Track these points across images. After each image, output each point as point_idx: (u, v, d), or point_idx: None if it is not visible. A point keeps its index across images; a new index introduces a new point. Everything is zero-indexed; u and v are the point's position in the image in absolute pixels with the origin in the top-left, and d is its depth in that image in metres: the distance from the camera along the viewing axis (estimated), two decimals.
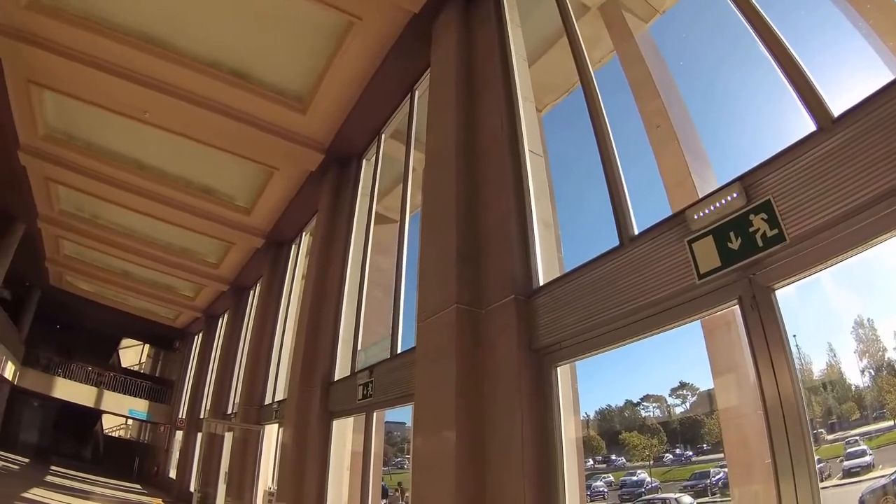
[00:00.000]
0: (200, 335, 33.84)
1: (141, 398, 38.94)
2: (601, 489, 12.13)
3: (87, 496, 23.08)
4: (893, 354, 6.24)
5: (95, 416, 46.20)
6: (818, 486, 3.68)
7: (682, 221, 4.85)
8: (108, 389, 38.03)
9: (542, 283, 6.52)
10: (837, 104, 4.17)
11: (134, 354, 53.37)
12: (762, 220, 4.22)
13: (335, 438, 11.67)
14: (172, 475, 31.59)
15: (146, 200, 19.63)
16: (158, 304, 34.08)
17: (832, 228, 3.89)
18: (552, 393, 5.91)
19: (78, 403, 37.69)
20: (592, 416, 12.63)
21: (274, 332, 19.07)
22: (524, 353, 6.10)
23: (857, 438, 6.43)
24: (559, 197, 8.41)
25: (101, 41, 12.97)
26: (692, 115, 7.48)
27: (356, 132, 14.05)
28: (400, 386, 8.94)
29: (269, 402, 17.63)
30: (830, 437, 6.46)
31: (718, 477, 9.63)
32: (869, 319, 6.21)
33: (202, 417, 26.37)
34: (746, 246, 4.28)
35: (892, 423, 6.43)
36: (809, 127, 4.24)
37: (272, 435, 16.52)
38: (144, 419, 40.40)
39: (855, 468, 6.23)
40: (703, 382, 10.30)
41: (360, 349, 11.98)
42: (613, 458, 12.50)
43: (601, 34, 9.86)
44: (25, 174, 19.76)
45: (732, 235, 4.39)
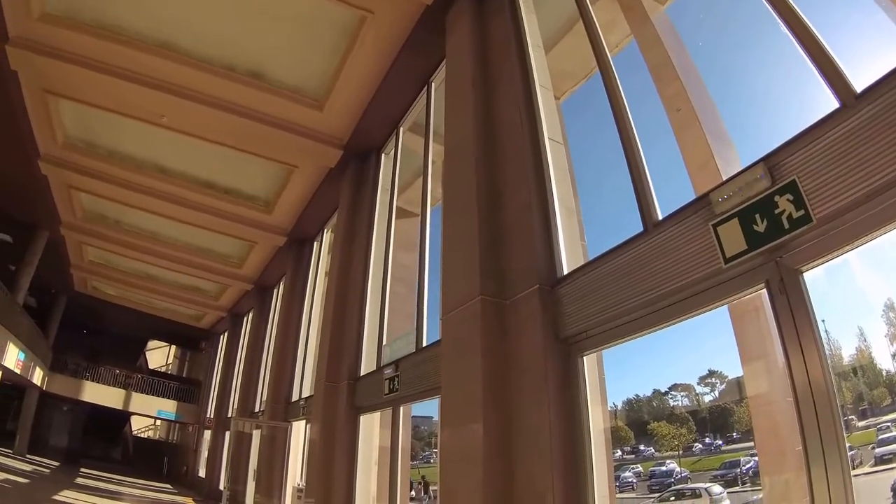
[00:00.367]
0: (226, 335, 33.99)
1: (169, 399, 39.18)
2: (630, 480, 12.06)
3: (117, 497, 23.30)
4: None
5: (124, 417, 46.77)
6: (850, 473, 3.61)
7: (706, 205, 4.76)
8: (136, 391, 38.34)
9: (566, 271, 6.46)
10: (860, 80, 4.06)
11: (161, 356, 53.89)
12: (788, 201, 4.12)
13: (362, 433, 11.68)
14: (202, 474, 31.81)
15: (167, 203, 19.74)
16: (183, 305, 34.32)
17: (859, 208, 3.78)
18: (579, 383, 5.85)
19: (106, 406, 37.99)
20: (620, 406, 12.56)
21: (299, 329, 19.14)
22: (550, 342, 6.05)
23: (888, 424, 6.32)
24: (581, 184, 8.34)
25: (114, 48, 13.05)
26: (713, 96, 7.39)
27: (374, 127, 14.04)
28: (426, 379, 8.92)
29: (295, 398, 17.68)
30: (862, 423, 6.36)
31: (749, 466, 9.52)
32: None
33: (230, 416, 26.56)
34: (772, 228, 4.19)
35: None
36: (832, 104, 4.12)
37: (300, 431, 16.56)
38: (173, 419, 40.68)
39: (887, 455, 6.12)
40: (732, 370, 10.20)
41: (385, 344, 11.97)
42: (642, 448, 12.43)
43: (617, 18, 9.74)
44: (47, 183, 19.99)
45: (758, 218, 4.29)
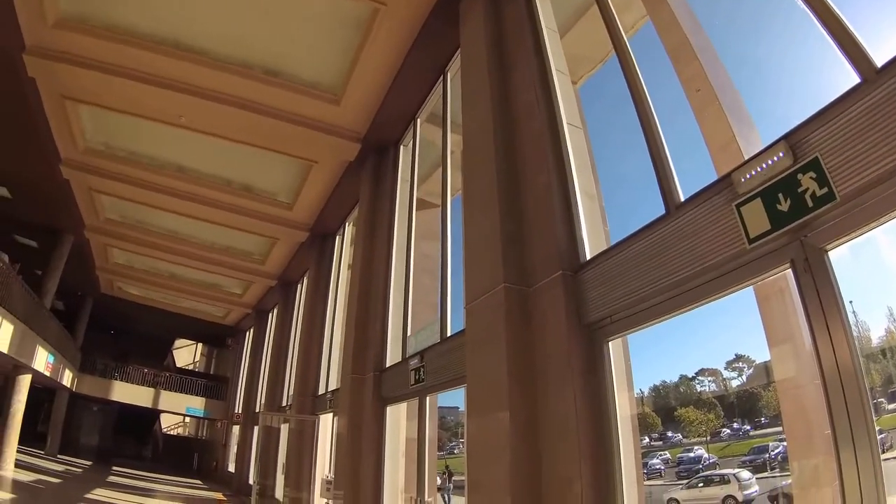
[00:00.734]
0: (251, 331, 34.21)
1: (197, 396, 39.62)
2: (658, 467, 12.02)
3: (149, 494, 23.56)
4: None
5: (153, 416, 47.24)
6: (879, 457, 3.58)
7: (728, 185, 4.72)
8: (164, 389, 38.79)
9: (588, 256, 6.44)
10: (880, 54, 4.00)
11: (188, 354, 54.34)
12: (811, 178, 4.07)
13: (389, 424, 11.75)
14: (231, 469, 32.12)
15: (189, 203, 19.96)
16: (208, 303, 34.61)
17: (884, 184, 3.73)
18: (605, 368, 5.85)
19: (136, 405, 38.48)
20: (647, 392, 12.51)
21: (324, 322, 19.25)
22: (574, 328, 6.05)
23: None
24: (601, 168, 8.29)
25: (130, 51, 13.20)
26: (732, 75, 7.32)
27: (391, 119, 14.07)
28: (451, 369, 8.94)
29: (322, 392, 17.79)
30: (891, 406, 6.30)
31: (777, 451, 9.46)
32: None
33: (258, 411, 26.72)
34: (796, 207, 4.14)
35: None
36: (853, 79, 4.07)
37: (327, 424, 16.66)
38: (201, 416, 41.12)
39: None
40: (759, 354, 10.12)
41: (409, 335, 12.01)
42: (669, 434, 12.38)
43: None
44: (69, 187, 20.29)
45: (781, 197, 4.24)
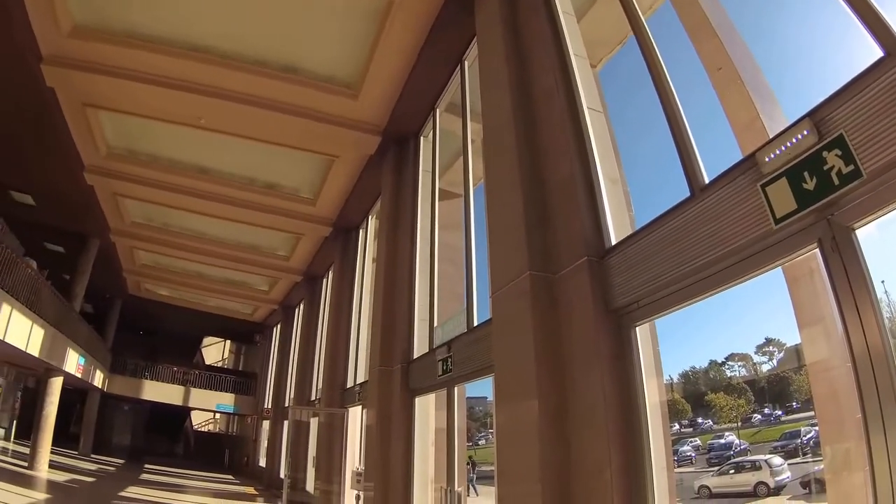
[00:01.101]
0: (279, 327, 34.50)
1: (226, 392, 39.97)
2: (689, 454, 11.94)
3: (182, 490, 23.82)
4: None
5: (184, 413, 47.71)
6: None
7: (753, 165, 4.67)
8: (194, 387, 39.19)
9: (614, 241, 6.41)
10: None
11: (216, 351, 54.77)
12: (836, 156, 4.01)
13: (418, 415, 11.78)
14: (262, 464, 32.45)
15: (212, 203, 20.14)
16: (235, 300, 34.90)
17: None
18: (632, 354, 5.82)
19: (166, 403, 38.93)
20: (676, 378, 12.43)
21: (350, 316, 19.33)
22: (601, 314, 6.03)
23: None
24: (624, 152, 8.24)
25: (146, 56, 13.35)
26: (754, 53, 7.23)
27: (410, 110, 14.07)
28: (479, 358, 8.95)
29: (350, 385, 17.89)
30: None
31: (810, 436, 9.35)
32: None
33: (287, 406, 26.92)
34: (822, 185, 4.08)
35: None
36: (876, 53, 4.01)
37: (356, 417, 16.73)
38: (231, 412, 41.49)
39: None
40: (790, 337, 10.03)
41: (436, 325, 12.03)
42: (700, 420, 12.30)
43: None
44: (94, 193, 20.60)
45: (807, 175, 4.18)
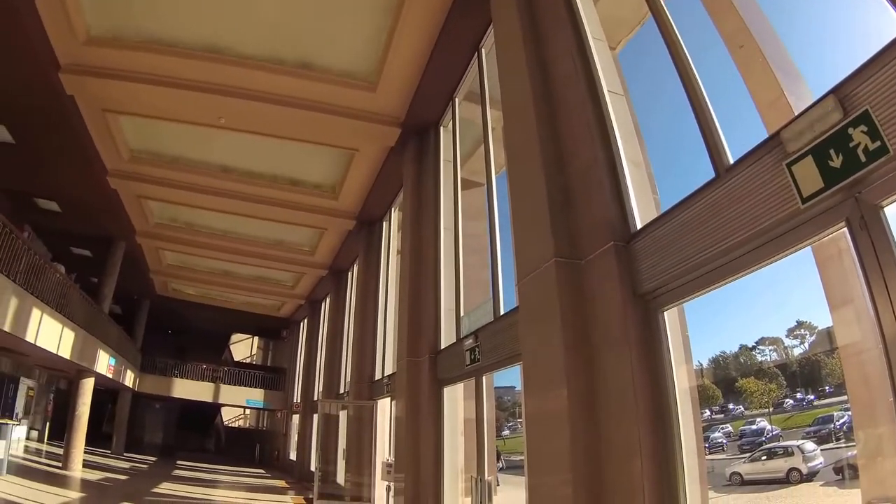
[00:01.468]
0: (305, 321, 34.78)
1: (256, 388, 40.38)
2: (720, 440, 11.87)
3: (214, 485, 24.07)
4: None
5: (214, 409, 48.22)
6: None
7: (778, 144, 4.59)
8: (223, 383, 39.65)
9: (639, 226, 6.36)
10: None
11: (244, 348, 55.27)
12: (862, 132, 3.92)
13: (447, 406, 11.84)
14: (293, 457, 32.78)
15: (236, 201, 20.40)
16: (261, 297, 35.26)
17: None
18: (661, 339, 5.79)
19: (197, 400, 39.39)
20: (706, 364, 12.34)
21: (376, 308, 19.45)
22: (628, 300, 6.00)
23: None
24: (647, 134, 8.15)
25: (162, 60, 13.59)
26: (776, 29, 7.10)
27: (429, 101, 14.12)
28: (506, 347, 8.95)
29: (379, 377, 18.01)
30: None
31: (843, 420, 9.26)
32: None
33: (316, 399, 27.12)
34: (848, 163, 4.01)
35: None
36: None
37: (385, 409, 16.83)
38: (261, 407, 41.87)
39: None
40: (821, 320, 9.92)
41: (463, 315, 12.07)
42: (731, 406, 12.21)
43: None
44: (118, 196, 21.00)
45: (832, 153, 4.11)
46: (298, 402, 33.17)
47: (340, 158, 17.87)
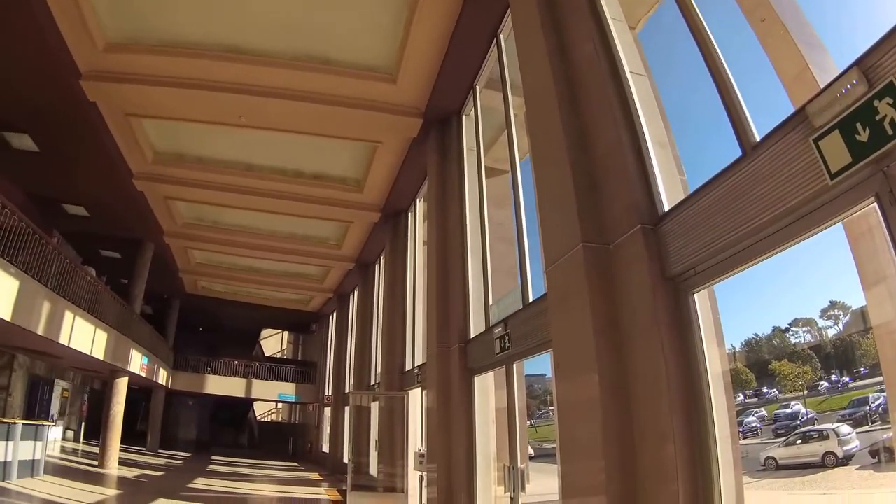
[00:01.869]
0: (334, 315, 34.95)
1: (287, 382, 40.74)
2: (754, 425, 11.77)
3: (249, 479, 24.31)
4: None
5: (247, 404, 48.68)
6: None
7: (804, 119, 4.51)
8: (255, 378, 40.02)
9: (667, 208, 6.30)
10: None
11: (275, 342, 55.68)
12: (888, 105, 3.83)
13: (478, 395, 11.86)
14: (325, 450, 33.03)
15: (261, 198, 20.61)
16: (290, 292, 35.59)
17: None
18: (692, 321, 5.74)
19: (229, 395, 39.84)
20: (739, 347, 12.22)
21: (405, 299, 19.52)
22: (658, 283, 5.95)
23: None
24: (672, 114, 8.07)
25: (182, 61, 13.77)
26: (798, 0, 6.96)
27: (449, 90, 14.13)
28: (536, 334, 8.94)
29: (409, 367, 18.10)
30: None
31: (878, 402, 9.16)
32: None
33: (347, 392, 27.29)
34: (875, 136, 3.92)
35: None
36: None
37: (416, 399, 16.87)
38: (293, 401, 42.22)
39: None
40: (855, 299, 9.78)
41: (491, 303, 12.06)
42: (765, 390, 12.10)
43: None
44: (144, 198, 21.31)
45: (859, 127, 4.02)
46: (330, 394, 33.42)
47: (363, 151, 17.95)
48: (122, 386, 24.91)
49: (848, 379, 10.47)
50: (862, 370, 10.18)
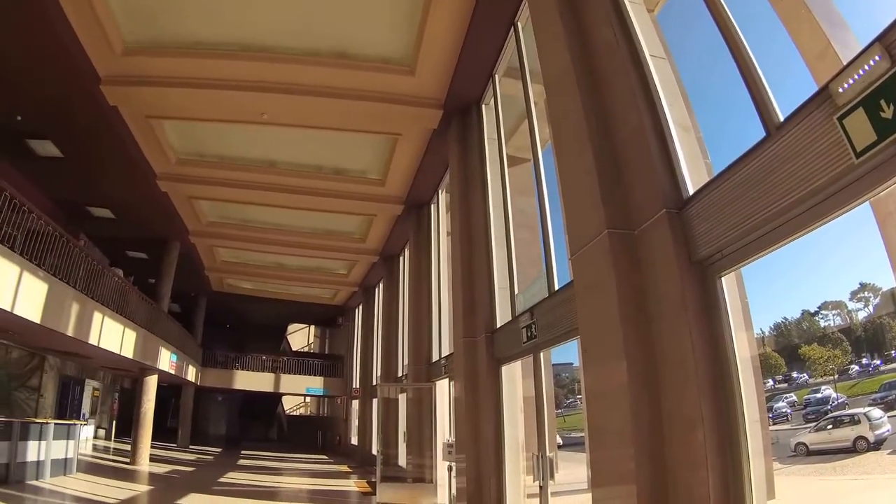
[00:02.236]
0: (360, 307, 35.16)
1: (315, 376, 41.01)
2: (784, 410, 11.69)
3: (279, 472, 24.50)
4: None
5: (276, 399, 49.04)
6: None
7: (827, 98, 4.44)
8: (283, 373, 40.35)
9: (691, 191, 6.24)
10: None
11: (302, 337, 56.05)
12: None
13: (506, 384, 11.88)
14: (354, 442, 33.26)
15: (284, 194, 20.74)
16: (316, 286, 35.77)
17: None
18: (720, 305, 5.69)
19: (258, 390, 40.24)
20: (768, 332, 12.13)
21: (430, 290, 19.60)
22: (685, 267, 5.91)
23: None
24: (694, 97, 7.99)
25: (199, 62, 13.92)
26: None
27: (468, 80, 14.08)
28: (563, 322, 8.92)
29: (436, 358, 18.18)
30: None
31: None
32: None
33: (375, 384, 27.39)
34: None
35: None
36: None
37: (444, 390, 16.91)
38: (321, 394, 42.52)
39: None
40: (885, 281, 9.67)
41: (517, 293, 12.05)
42: (795, 375, 12.00)
43: None
44: (169, 199, 21.58)
45: (883, 104, 3.96)
46: (357, 387, 33.64)
47: (384, 144, 17.98)
48: (151, 384, 25.28)
49: (879, 362, 10.37)
50: (893, 353, 10.08)
